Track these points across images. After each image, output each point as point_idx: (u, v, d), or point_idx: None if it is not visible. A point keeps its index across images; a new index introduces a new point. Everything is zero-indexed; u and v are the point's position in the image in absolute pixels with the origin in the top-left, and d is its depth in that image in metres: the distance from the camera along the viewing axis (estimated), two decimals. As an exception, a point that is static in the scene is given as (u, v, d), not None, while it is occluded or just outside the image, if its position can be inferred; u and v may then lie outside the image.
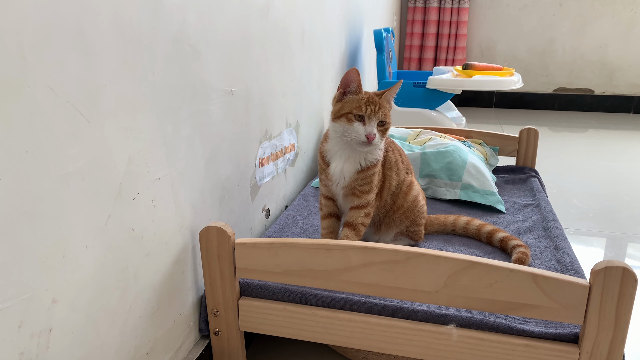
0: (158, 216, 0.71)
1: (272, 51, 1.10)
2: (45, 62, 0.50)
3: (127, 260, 0.65)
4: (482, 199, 1.23)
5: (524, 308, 0.68)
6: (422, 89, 1.99)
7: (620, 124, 3.10)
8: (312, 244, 0.73)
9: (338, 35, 1.77)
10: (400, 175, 0.98)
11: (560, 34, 3.39)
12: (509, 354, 0.71)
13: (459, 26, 3.44)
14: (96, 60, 0.57)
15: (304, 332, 0.80)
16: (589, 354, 0.67)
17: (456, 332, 0.72)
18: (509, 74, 1.99)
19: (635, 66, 3.34)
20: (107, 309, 0.62)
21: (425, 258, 0.69)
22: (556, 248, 0.98)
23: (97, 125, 0.57)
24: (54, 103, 0.51)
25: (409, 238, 1.01)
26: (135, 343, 0.68)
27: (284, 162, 1.25)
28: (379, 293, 0.73)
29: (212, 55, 0.83)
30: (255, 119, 1.04)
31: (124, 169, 0.63)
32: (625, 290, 0.63)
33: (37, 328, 0.52)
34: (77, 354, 0.58)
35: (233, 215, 0.97)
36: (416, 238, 1.01)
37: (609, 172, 2.16)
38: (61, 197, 0.53)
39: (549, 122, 3.16)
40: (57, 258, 0.53)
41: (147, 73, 0.66)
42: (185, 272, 0.80)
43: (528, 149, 1.51)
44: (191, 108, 0.78)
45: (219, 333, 0.83)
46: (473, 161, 1.30)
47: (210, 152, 0.85)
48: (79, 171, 0.55)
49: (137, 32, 0.63)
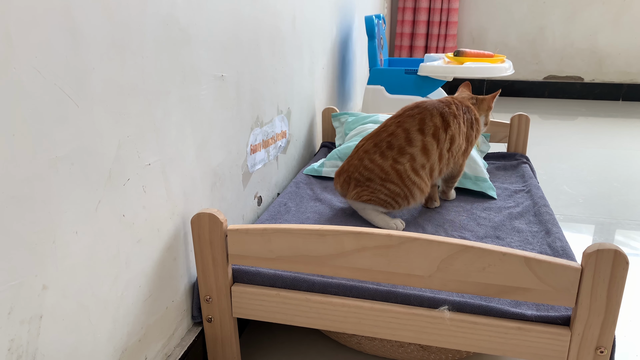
0: (149, 202, 0.70)
1: (263, 36, 1.09)
2: (31, 43, 0.48)
3: (118, 247, 0.64)
4: (473, 185, 1.24)
5: (516, 291, 0.68)
6: (414, 76, 1.98)
7: (610, 111, 3.12)
8: (305, 230, 0.73)
9: (329, 21, 1.75)
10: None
11: (551, 22, 3.40)
12: (501, 337, 0.72)
13: (449, 13, 3.43)
14: (84, 43, 0.55)
15: (297, 317, 0.80)
16: (580, 335, 0.68)
17: (448, 315, 0.73)
18: (500, 61, 1.99)
19: (624, 54, 3.36)
20: (98, 295, 0.62)
21: (418, 243, 0.69)
22: (547, 233, 0.99)
23: (85, 109, 0.56)
24: (41, 86, 0.50)
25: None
26: (127, 330, 0.68)
27: (275, 149, 1.24)
28: (372, 278, 0.73)
29: (202, 39, 0.82)
30: (247, 105, 1.03)
31: (113, 154, 0.62)
32: (617, 273, 0.63)
33: (27, 315, 0.51)
34: (69, 340, 0.57)
35: (225, 203, 0.96)
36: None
37: (598, 158, 2.17)
38: (50, 182, 0.52)
39: (539, 109, 3.17)
40: (46, 244, 0.53)
41: (136, 56, 0.65)
42: (177, 259, 0.79)
43: (519, 136, 1.51)
44: (181, 93, 0.77)
45: (212, 320, 0.83)
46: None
47: (201, 138, 0.84)
48: (68, 156, 0.54)
49: (126, 14, 0.62)
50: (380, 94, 2.04)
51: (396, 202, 1.02)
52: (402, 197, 1.01)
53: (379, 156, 1.01)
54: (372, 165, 1.01)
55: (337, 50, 1.91)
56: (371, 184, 1.01)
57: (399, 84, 2.01)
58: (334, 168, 1.32)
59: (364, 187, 1.02)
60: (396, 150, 1.01)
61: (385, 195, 1.01)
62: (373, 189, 1.01)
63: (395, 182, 1.00)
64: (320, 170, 1.33)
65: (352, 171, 1.04)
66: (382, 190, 1.01)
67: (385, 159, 1.01)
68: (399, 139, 1.01)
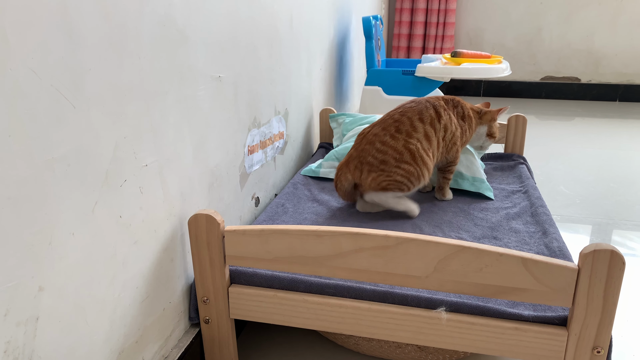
0: (146, 203, 0.70)
1: (260, 37, 1.09)
2: (27, 44, 0.48)
3: (115, 248, 0.64)
4: (471, 186, 1.24)
5: (513, 292, 0.68)
6: (411, 76, 1.98)
7: (606, 112, 3.13)
8: (302, 231, 0.73)
9: (327, 22, 1.76)
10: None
11: (548, 23, 3.41)
12: (498, 338, 0.72)
13: (447, 14, 3.43)
14: (81, 43, 0.55)
15: (294, 318, 0.80)
16: (577, 336, 0.68)
17: (445, 315, 0.73)
18: (497, 62, 2.00)
19: (621, 54, 3.37)
20: (95, 296, 0.61)
21: (415, 243, 0.69)
22: (544, 233, 0.99)
23: (82, 109, 0.56)
24: (38, 86, 0.50)
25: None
26: (124, 331, 0.68)
27: (273, 150, 1.24)
28: (369, 279, 0.73)
29: (199, 40, 0.82)
30: (244, 106, 1.03)
31: (110, 155, 0.62)
32: (613, 273, 0.64)
33: (24, 316, 0.51)
34: (65, 342, 0.57)
35: (222, 203, 0.96)
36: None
37: (595, 159, 2.18)
38: (46, 182, 0.52)
39: (536, 110, 3.18)
40: (43, 245, 0.52)
41: (133, 57, 0.64)
42: (175, 260, 0.79)
43: (516, 136, 1.52)
44: (178, 93, 0.76)
45: (209, 321, 0.83)
46: (461, 156, 1.30)
47: (198, 138, 0.84)
48: (65, 157, 0.54)
49: (123, 14, 0.62)
50: (377, 94, 2.04)
51: (411, 183, 1.06)
52: (415, 176, 1.06)
53: (390, 138, 1.06)
54: (385, 147, 1.05)
55: (334, 51, 1.91)
56: (386, 167, 1.05)
57: (396, 84, 2.01)
58: (331, 169, 1.32)
59: (379, 172, 1.05)
60: (405, 134, 1.06)
61: (402, 177, 1.05)
62: (389, 171, 1.05)
63: (409, 161, 1.05)
64: (318, 171, 1.33)
65: (364, 156, 1.07)
66: (397, 172, 1.05)
67: (397, 140, 1.06)
68: (405, 125, 1.07)
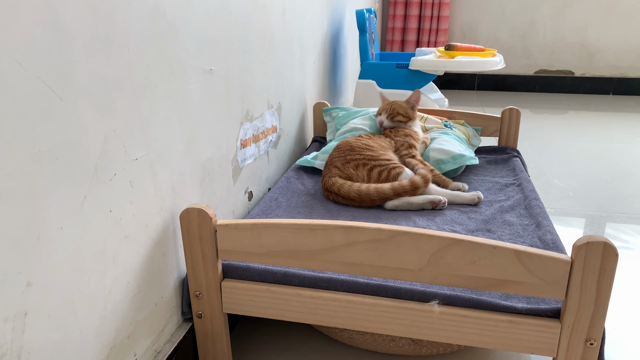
0: (136, 197, 0.69)
1: (252, 30, 1.08)
2: (11, 34, 0.47)
3: (105, 242, 0.63)
4: (454, 164, 1.25)
5: (506, 284, 0.68)
6: (405, 70, 1.97)
7: (600, 105, 3.14)
8: (295, 225, 0.72)
9: (319, 15, 1.74)
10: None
11: (541, 16, 3.40)
12: (492, 330, 0.72)
13: (441, 8, 3.42)
14: (67, 35, 0.54)
15: (288, 312, 0.79)
16: (570, 328, 0.68)
17: (438, 308, 0.73)
18: (491, 55, 1.99)
19: (614, 48, 3.37)
20: (85, 292, 0.61)
21: (408, 236, 0.69)
22: (538, 226, 0.99)
23: (70, 102, 0.55)
24: (23, 79, 0.49)
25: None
26: (115, 327, 0.67)
27: (266, 144, 1.23)
28: (362, 272, 0.73)
29: (189, 33, 0.81)
30: (236, 100, 1.02)
31: (99, 148, 0.61)
32: (606, 265, 0.63)
33: (12, 312, 0.50)
34: (55, 338, 0.57)
35: (215, 198, 0.95)
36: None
37: (588, 152, 2.18)
38: (33, 177, 0.51)
39: (530, 104, 3.18)
40: (30, 240, 0.52)
41: (122, 50, 0.63)
42: (166, 255, 0.79)
43: (510, 129, 1.51)
44: (169, 87, 0.76)
45: (202, 315, 0.82)
46: (435, 145, 1.31)
47: (189, 132, 0.83)
48: (52, 150, 0.53)
49: (111, 6, 0.61)
50: (371, 88, 2.03)
51: (389, 160, 1.18)
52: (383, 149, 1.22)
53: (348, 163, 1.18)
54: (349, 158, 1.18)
55: (328, 45, 1.90)
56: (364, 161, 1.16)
57: (390, 78, 2.00)
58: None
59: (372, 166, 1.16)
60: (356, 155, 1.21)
61: (387, 161, 1.17)
62: (372, 163, 1.16)
63: (365, 147, 1.20)
64: (313, 162, 1.32)
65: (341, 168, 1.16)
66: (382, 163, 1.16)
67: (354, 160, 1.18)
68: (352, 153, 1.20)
